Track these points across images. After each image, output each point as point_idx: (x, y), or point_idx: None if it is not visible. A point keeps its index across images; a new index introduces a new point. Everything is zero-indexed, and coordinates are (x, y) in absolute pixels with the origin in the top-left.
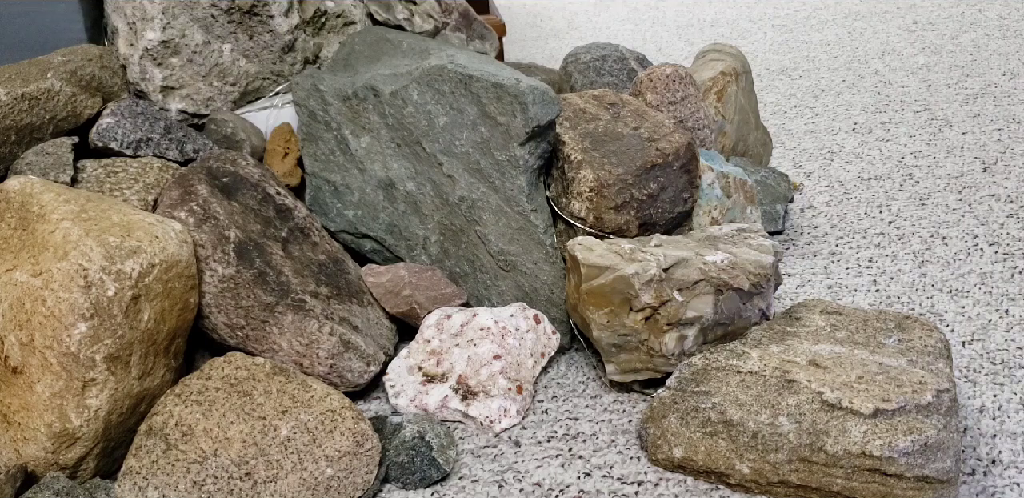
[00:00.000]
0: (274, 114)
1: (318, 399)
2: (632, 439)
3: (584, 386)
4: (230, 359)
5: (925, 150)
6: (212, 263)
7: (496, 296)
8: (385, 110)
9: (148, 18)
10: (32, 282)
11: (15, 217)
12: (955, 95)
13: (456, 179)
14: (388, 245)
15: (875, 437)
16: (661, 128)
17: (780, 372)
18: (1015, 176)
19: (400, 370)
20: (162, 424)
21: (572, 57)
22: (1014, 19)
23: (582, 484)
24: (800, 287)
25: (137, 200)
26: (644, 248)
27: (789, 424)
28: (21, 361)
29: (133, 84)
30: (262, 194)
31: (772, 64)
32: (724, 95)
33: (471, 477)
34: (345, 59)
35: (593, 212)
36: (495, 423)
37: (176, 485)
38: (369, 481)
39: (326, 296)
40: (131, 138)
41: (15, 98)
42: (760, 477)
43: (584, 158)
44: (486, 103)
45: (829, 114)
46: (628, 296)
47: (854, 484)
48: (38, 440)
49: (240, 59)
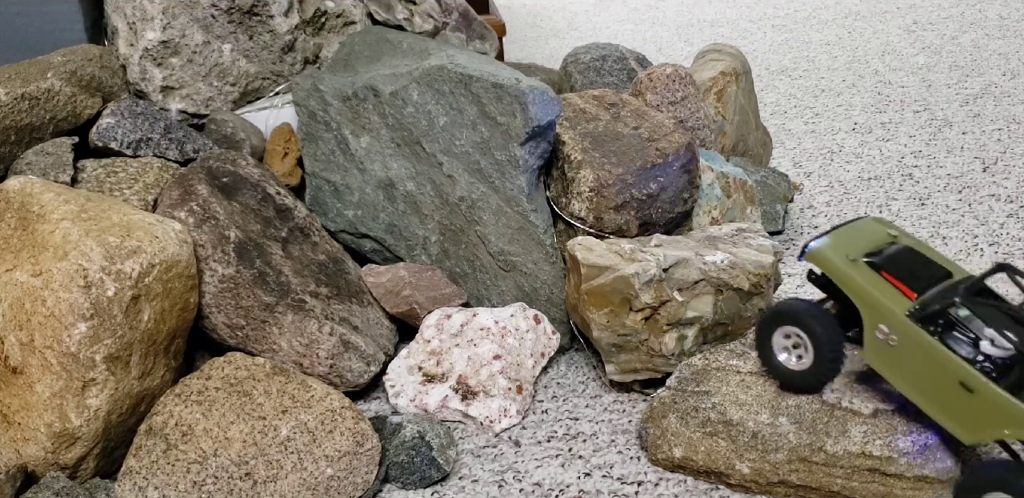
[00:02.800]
0: (274, 114)
1: (318, 399)
2: (632, 439)
3: (584, 386)
4: (230, 359)
5: (925, 150)
6: (212, 263)
7: (496, 296)
8: (385, 110)
9: (148, 18)
10: (32, 282)
11: (15, 217)
12: (955, 95)
13: (456, 179)
14: (388, 245)
15: (875, 437)
16: (661, 128)
17: None
18: (1015, 176)
19: (400, 370)
20: (162, 424)
21: (572, 57)
22: (1014, 19)
23: (582, 484)
24: (800, 287)
25: (137, 200)
26: (644, 248)
27: (789, 424)
28: (21, 361)
29: (133, 84)
30: (262, 194)
31: (772, 64)
32: (724, 95)
33: (471, 477)
34: (345, 59)
35: (593, 212)
36: (495, 423)
37: (176, 485)
38: (369, 481)
39: (326, 296)
40: (131, 138)
41: (15, 98)
42: (760, 477)
43: (584, 158)
44: (486, 103)
45: (829, 114)
46: (628, 296)
47: (854, 484)
48: (38, 440)
49: (240, 59)
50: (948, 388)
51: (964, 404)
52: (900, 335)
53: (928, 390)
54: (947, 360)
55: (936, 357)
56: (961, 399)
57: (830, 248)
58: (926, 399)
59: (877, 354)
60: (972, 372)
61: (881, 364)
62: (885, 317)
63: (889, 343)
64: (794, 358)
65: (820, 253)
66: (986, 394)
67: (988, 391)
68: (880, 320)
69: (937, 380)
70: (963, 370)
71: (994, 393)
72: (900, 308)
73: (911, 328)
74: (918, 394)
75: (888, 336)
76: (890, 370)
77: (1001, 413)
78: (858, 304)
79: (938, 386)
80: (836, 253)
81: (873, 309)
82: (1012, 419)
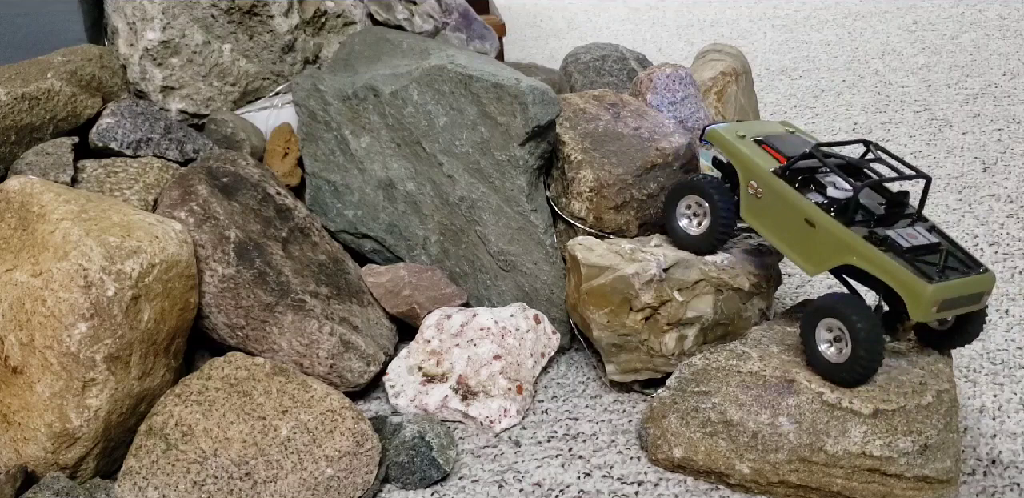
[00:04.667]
0: (274, 114)
1: (318, 399)
2: (632, 439)
3: (584, 386)
4: (230, 359)
5: (925, 150)
6: (212, 263)
7: (496, 296)
8: (385, 110)
9: (148, 18)
10: (32, 282)
11: (15, 217)
12: (955, 95)
13: (456, 179)
14: (388, 245)
15: (875, 437)
16: (661, 128)
17: (780, 372)
18: (1015, 176)
19: (400, 370)
20: (162, 424)
21: (572, 57)
22: (1014, 19)
23: (582, 484)
24: (800, 287)
25: (137, 200)
26: (644, 248)
27: (789, 424)
28: (21, 361)
29: (133, 84)
30: (262, 194)
31: (772, 64)
32: (724, 95)
33: (471, 477)
34: (345, 59)
35: (593, 212)
36: (495, 423)
37: (176, 485)
38: (369, 481)
39: (326, 296)
40: (131, 138)
41: (15, 98)
42: (760, 477)
43: (584, 158)
44: (486, 103)
45: (829, 114)
46: (628, 296)
47: (854, 484)
48: (38, 440)
49: (240, 59)
50: (797, 227)
51: (809, 239)
52: (765, 187)
53: (783, 232)
54: (796, 201)
55: (788, 200)
56: (807, 235)
57: (726, 129)
58: (781, 240)
59: (748, 208)
60: (814, 208)
61: (751, 217)
62: (756, 174)
63: (757, 197)
64: (693, 223)
65: (715, 131)
66: (824, 226)
67: (826, 223)
68: (752, 177)
69: (789, 221)
70: (808, 208)
71: (831, 224)
72: (768, 167)
73: (774, 181)
74: (775, 237)
75: (756, 190)
76: (758, 221)
77: (837, 242)
78: (737, 168)
79: (790, 226)
80: (730, 133)
81: (747, 169)
82: (846, 247)
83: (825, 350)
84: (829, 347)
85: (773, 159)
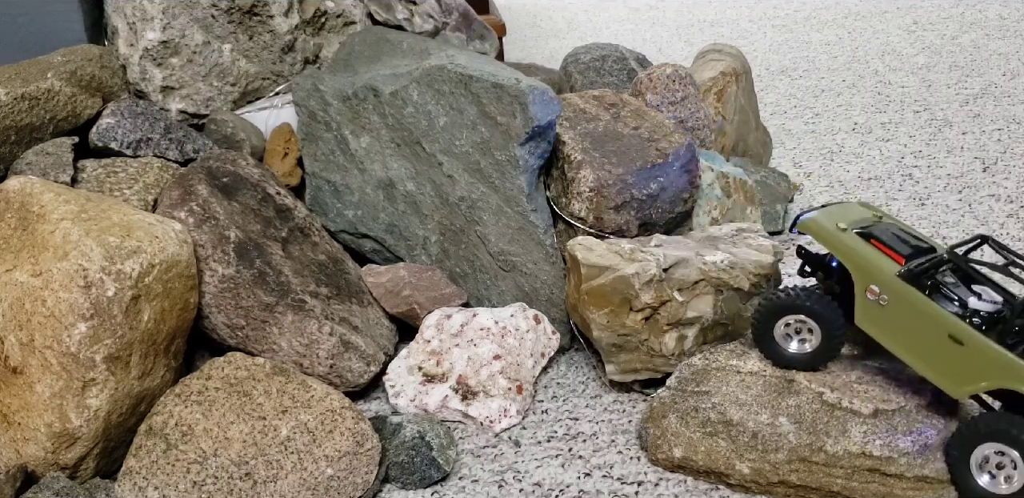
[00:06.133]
0: (274, 114)
1: (318, 399)
2: (632, 439)
3: (584, 386)
4: (230, 359)
5: (925, 150)
6: (212, 263)
7: (496, 296)
8: (385, 110)
9: (148, 18)
10: (32, 282)
11: (15, 217)
12: (955, 95)
13: (456, 179)
14: (388, 245)
15: (875, 437)
16: (661, 128)
17: (780, 372)
18: (1015, 176)
19: (400, 370)
20: (162, 424)
21: (572, 57)
22: (1014, 19)
23: (582, 484)
24: None
25: (137, 200)
26: (644, 248)
27: (789, 424)
28: (21, 361)
29: (133, 84)
30: (262, 194)
31: (772, 64)
32: (724, 95)
33: (471, 477)
34: (345, 59)
35: (593, 212)
36: (495, 423)
37: (176, 485)
38: (369, 481)
39: (326, 296)
40: (131, 138)
41: (15, 98)
42: (760, 477)
43: (584, 158)
44: (486, 103)
45: (829, 114)
46: (628, 296)
47: (854, 484)
48: (38, 440)
49: (240, 59)
50: (937, 343)
51: (953, 357)
52: (890, 294)
53: (917, 347)
54: (937, 315)
55: (927, 312)
56: (951, 353)
57: (821, 219)
58: (915, 356)
59: (867, 315)
60: (962, 325)
61: (871, 325)
62: (876, 278)
63: (880, 303)
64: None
65: (813, 222)
66: (976, 345)
67: (978, 342)
68: (871, 281)
69: (926, 336)
70: (953, 324)
71: (984, 344)
72: (890, 270)
73: (902, 287)
74: (907, 352)
75: (879, 296)
76: (880, 330)
77: (991, 364)
78: (850, 267)
79: (927, 342)
80: (828, 223)
81: (864, 271)
82: (1003, 370)
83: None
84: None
85: (887, 257)
